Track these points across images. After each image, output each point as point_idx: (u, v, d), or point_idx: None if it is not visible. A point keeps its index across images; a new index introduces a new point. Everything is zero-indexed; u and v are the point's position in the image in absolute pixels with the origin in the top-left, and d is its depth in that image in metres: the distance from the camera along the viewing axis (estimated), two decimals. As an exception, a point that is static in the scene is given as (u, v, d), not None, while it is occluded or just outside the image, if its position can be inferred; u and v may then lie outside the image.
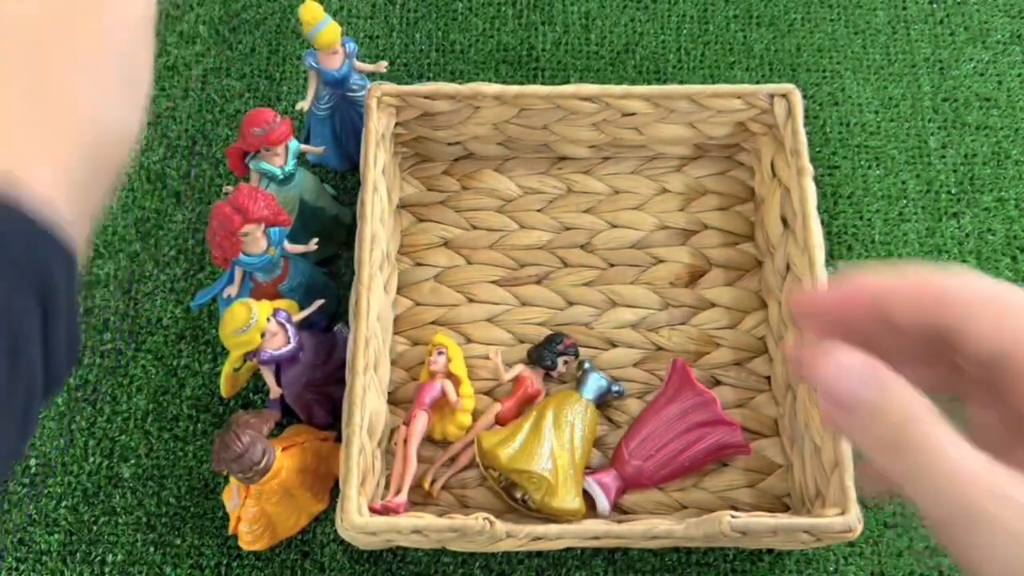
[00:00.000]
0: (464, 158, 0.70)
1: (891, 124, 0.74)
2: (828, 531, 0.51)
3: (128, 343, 0.66)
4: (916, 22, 0.78)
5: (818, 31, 0.78)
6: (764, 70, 0.76)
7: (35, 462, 0.63)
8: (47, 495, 0.62)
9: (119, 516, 0.61)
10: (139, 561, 0.60)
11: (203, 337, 0.66)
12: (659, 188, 0.70)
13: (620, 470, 0.59)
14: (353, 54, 0.64)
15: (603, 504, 0.58)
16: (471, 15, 0.78)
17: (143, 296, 0.67)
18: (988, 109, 0.74)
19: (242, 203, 0.55)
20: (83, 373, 0.65)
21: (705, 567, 0.60)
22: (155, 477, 0.62)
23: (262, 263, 0.58)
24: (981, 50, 0.77)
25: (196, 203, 0.70)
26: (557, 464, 0.58)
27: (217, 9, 0.78)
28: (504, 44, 0.77)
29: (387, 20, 0.78)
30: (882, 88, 0.75)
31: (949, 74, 0.76)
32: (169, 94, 0.75)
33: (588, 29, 0.78)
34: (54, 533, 0.61)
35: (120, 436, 0.63)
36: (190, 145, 0.73)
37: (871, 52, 0.77)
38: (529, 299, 0.67)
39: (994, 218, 0.70)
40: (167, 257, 0.69)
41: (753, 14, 0.78)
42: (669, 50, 0.77)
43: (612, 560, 0.60)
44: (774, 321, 0.64)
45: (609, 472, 0.59)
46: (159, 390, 0.64)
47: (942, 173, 0.72)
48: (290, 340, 0.56)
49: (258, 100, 0.74)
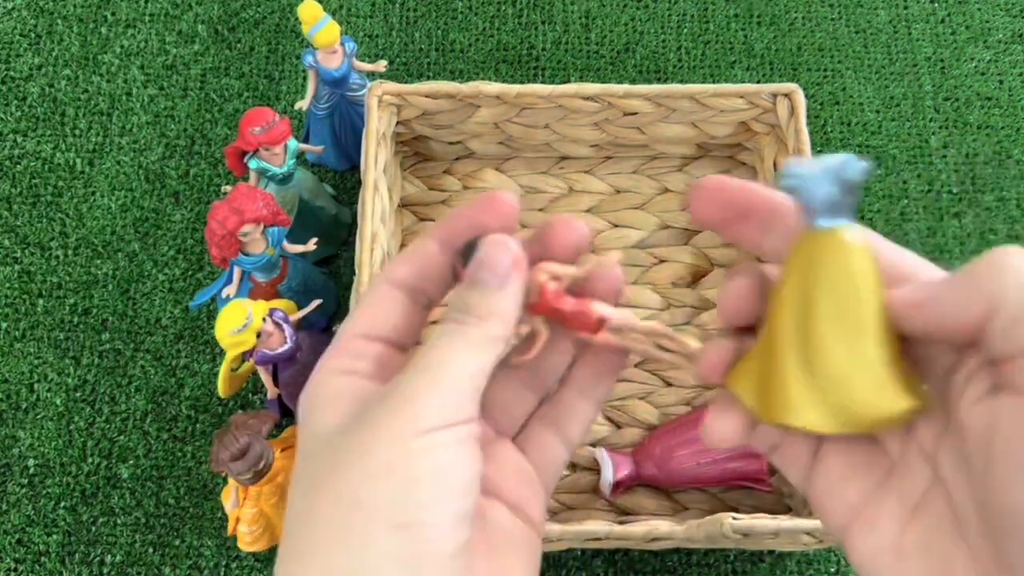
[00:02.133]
0: (465, 157, 0.70)
1: (892, 123, 0.74)
2: (830, 533, 0.51)
3: (127, 343, 0.66)
4: (917, 21, 0.78)
5: (819, 30, 0.77)
6: (765, 69, 0.76)
7: (34, 462, 0.62)
8: (45, 496, 0.61)
9: (118, 517, 0.61)
10: (138, 562, 0.60)
11: (202, 337, 0.66)
12: (661, 188, 0.70)
13: (639, 466, 0.59)
14: (352, 53, 0.64)
15: (607, 478, 0.58)
16: (471, 14, 0.78)
17: (142, 296, 0.67)
18: (989, 108, 0.74)
19: (241, 203, 0.54)
20: (82, 373, 0.65)
21: (706, 568, 0.59)
22: (154, 478, 0.62)
23: (261, 263, 0.58)
24: (982, 49, 0.77)
25: (195, 203, 0.70)
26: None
27: (216, 8, 0.78)
28: (504, 43, 0.77)
29: (387, 19, 0.78)
30: (883, 87, 0.75)
31: (950, 73, 0.76)
32: (168, 93, 0.74)
33: (588, 28, 0.78)
34: (52, 534, 0.60)
35: (119, 437, 0.63)
36: (189, 144, 0.72)
37: (872, 51, 0.77)
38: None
39: (995, 218, 0.70)
40: (166, 257, 0.68)
41: (754, 13, 0.78)
42: (669, 49, 0.77)
43: (612, 561, 0.60)
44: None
45: (627, 459, 0.59)
46: (158, 390, 0.64)
47: (943, 173, 0.72)
48: (287, 340, 0.56)
49: (257, 99, 0.74)
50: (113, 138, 0.73)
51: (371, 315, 0.26)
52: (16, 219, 0.70)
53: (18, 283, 0.68)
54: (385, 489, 0.22)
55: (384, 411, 0.23)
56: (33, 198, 0.71)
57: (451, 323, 0.25)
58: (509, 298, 0.25)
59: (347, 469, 0.22)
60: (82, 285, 0.68)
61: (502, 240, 0.25)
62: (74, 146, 0.72)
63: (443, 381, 0.23)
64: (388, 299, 0.26)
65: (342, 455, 0.23)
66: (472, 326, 0.24)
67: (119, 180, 0.71)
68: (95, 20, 0.78)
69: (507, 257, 0.25)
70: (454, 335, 0.24)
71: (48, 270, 0.68)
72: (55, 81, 0.75)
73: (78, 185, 0.71)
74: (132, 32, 0.77)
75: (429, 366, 0.23)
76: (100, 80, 0.75)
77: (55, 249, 0.69)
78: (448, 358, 0.24)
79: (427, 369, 0.23)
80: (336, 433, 0.23)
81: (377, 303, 0.26)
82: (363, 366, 0.25)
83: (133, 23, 0.77)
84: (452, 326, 0.24)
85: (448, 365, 0.24)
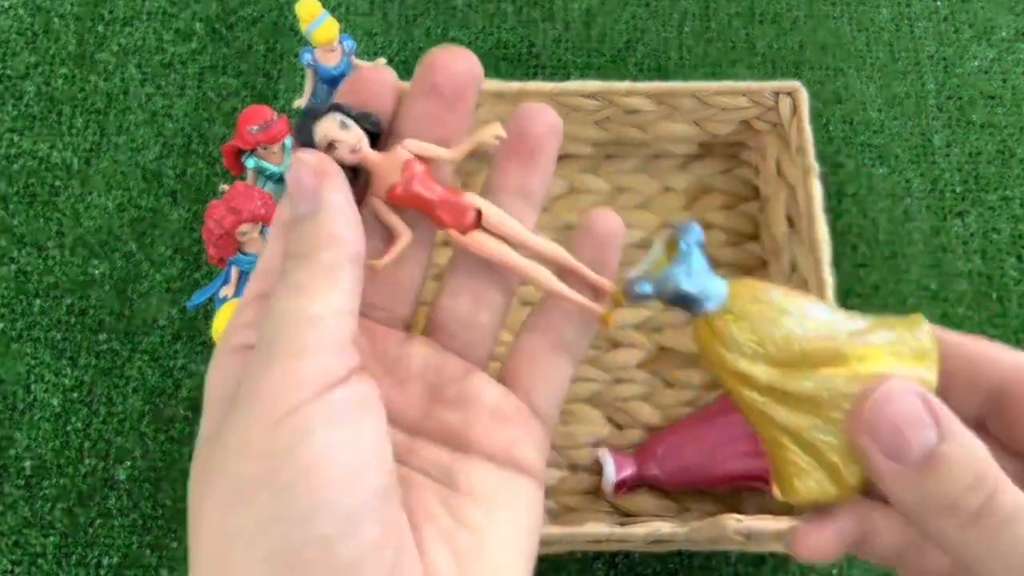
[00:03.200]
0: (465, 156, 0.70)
1: (895, 122, 0.73)
2: None
3: (124, 344, 0.65)
4: (920, 19, 0.77)
5: (821, 28, 0.77)
6: (767, 68, 0.75)
7: (30, 464, 0.62)
8: (42, 497, 0.61)
9: (115, 519, 0.60)
10: (135, 564, 0.59)
11: (199, 338, 0.65)
12: (662, 186, 0.69)
13: (641, 467, 0.58)
14: (351, 51, 0.64)
15: (610, 479, 0.57)
16: (470, 12, 0.78)
17: (139, 296, 0.67)
18: (993, 107, 0.74)
19: (238, 202, 0.54)
20: (78, 374, 0.64)
21: (708, 571, 0.59)
22: (151, 479, 0.61)
23: (259, 263, 0.58)
24: (986, 47, 0.76)
25: (192, 202, 0.70)
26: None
27: (214, 6, 0.77)
28: (504, 41, 0.77)
29: (386, 17, 0.77)
30: (886, 86, 0.74)
31: (954, 72, 0.75)
32: (165, 92, 0.74)
33: (589, 26, 0.77)
34: (49, 536, 0.60)
35: (116, 438, 0.63)
36: (186, 143, 0.72)
37: (875, 49, 0.76)
38: (530, 299, 0.66)
39: (999, 217, 0.70)
40: (163, 257, 0.68)
41: (756, 11, 0.78)
42: (671, 47, 0.76)
43: (613, 564, 0.59)
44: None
45: (629, 459, 0.58)
46: (155, 391, 0.64)
47: (947, 171, 0.71)
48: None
49: (255, 98, 0.73)
50: (110, 137, 0.72)
51: (264, 269, 0.22)
52: (12, 218, 0.69)
53: (14, 283, 0.67)
54: (257, 510, 0.18)
55: (241, 402, 0.19)
56: (29, 197, 0.70)
57: (280, 278, 0.21)
58: (332, 216, 0.21)
59: (214, 490, 0.19)
60: (79, 285, 0.67)
61: (299, 158, 0.21)
62: (71, 145, 0.72)
63: (281, 348, 0.19)
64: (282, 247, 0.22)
65: (211, 471, 0.20)
66: (299, 269, 0.20)
67: (116, 179, 0.71)
68: (92, 18, 0.77)
69: (307, 173, 0.21)
70: (288, 278, 0.20)
71: (45, 270, 0.68)
72: (51, 79, 0.75)
73: (74, 184, 0.70)
74: (129, 30, 0.77)
75: (272, 327, 0.19)
76: (97, 79, 0.75)
77: (51, 249, 0.68)
78: (289, 309, 0.19)
79: (271, 331, 0.19)
80: (209, 439, 0.20)
81: (271, 254, 0.22)
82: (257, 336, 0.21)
83: (130, 21, 0.77)
84: (280, 281, 0.20)
85: (291, 319, 0.19)
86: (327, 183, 0.21)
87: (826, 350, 0.21)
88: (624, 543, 0.54)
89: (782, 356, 0.21)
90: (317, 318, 0.19)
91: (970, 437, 0.19)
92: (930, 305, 0.67)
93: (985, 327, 0.66)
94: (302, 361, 0.19)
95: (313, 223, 0.20)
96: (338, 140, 0.22)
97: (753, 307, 0.21)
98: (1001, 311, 0.66)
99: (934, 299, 0.67)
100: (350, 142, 0.22)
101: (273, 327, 0.20)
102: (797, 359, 0.21)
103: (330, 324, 0.20)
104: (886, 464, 0.19)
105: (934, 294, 0.67)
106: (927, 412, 0.19)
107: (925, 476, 0.19)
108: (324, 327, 0.19)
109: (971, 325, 0.66)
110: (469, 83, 0.24)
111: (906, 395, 0.20)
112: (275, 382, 0.19)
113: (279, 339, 0.19)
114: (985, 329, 0.66)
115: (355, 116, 0.23)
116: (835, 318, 0.22)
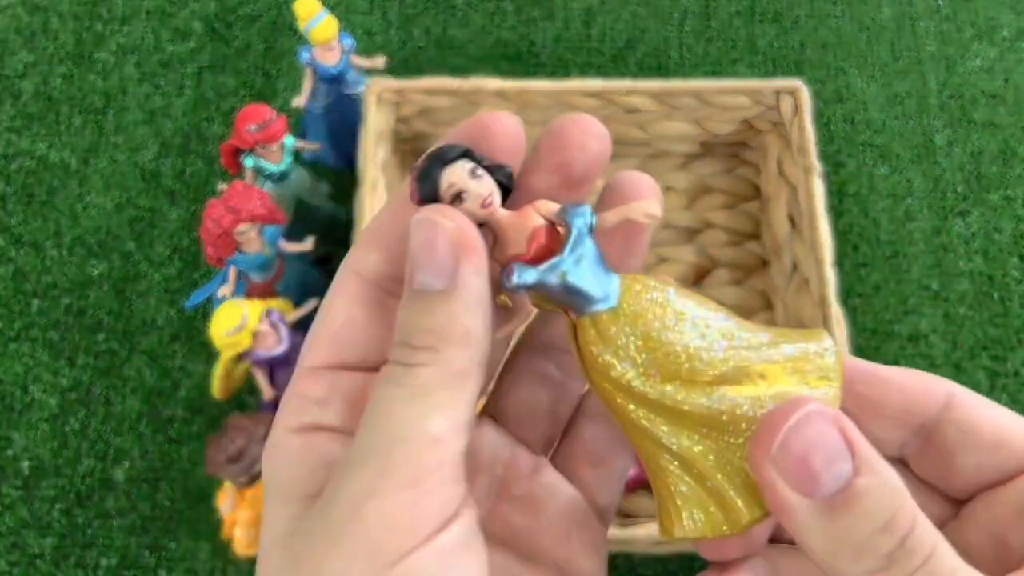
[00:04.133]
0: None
1: (897, 121, 0.73)
2: None
3: (122, 344, 0.65)
4: (922, 18, 0.77)
5: (823, 27, 0.77)
6: (768, 67, 0.75)
7: (28, 464, 0.62)
8: (40, 498, 0.61)
9: (113, 520, 0.60)
10: (133, 565, 0.59)
11: (198, 338, 0.65)
12: (663, 186, 0.69)
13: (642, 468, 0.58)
14: (350, 50, 0.63)
15: None
16: (470, 10, 0.77)
17: (137, 296, 0.66)
18: (995, 106, 0.73)
19: (236, 201, 0.54)
20: (76, 375, 0.64)
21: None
22: (149, 480, 0.61)
23: (257, 262, 0.57)
24: (988, 46, 0.76)
25: (191, 201, 0.69)
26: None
27: (212, 5, 0.77)
28: (504, 40, 0.76)
29: (385, 15, 0.77)
30: (888, 85, 0.74)
31: (955, 71, 0.75)
32: (163, 91, 0.74)
33: (589, 25, 0.77)
34: (47, 536, 0.60)
35: (114, 438, 0.62)
36: (184, 143, 0.72)
37: (876, 48, 0.76)
38: (530, 299, 0.66)
39: (1001, 216, 0.69)
40: (161, 257, 0.68)
41: (757, 10, 0.77)
42: (671, 46, 0.76)
43: (614, 565, 0.59)
44: (780, 322, 0.63)
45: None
46: (153, 392, 0.63)
47: (948, 171, 0.71)
48: (282, 341, 0.55)
49: (253, 96, 0.73)
50: (108, 136, 0.72)
51: (335, 332, 0.19)
52: (10, 218, 0.69)
53: (12, 283, 0.67)
54: None
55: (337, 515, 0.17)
56: (27, 197, 0.70)
57: (394, 366, 0.17)
58: (470, 306, 0.17)
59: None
60: (77, 285, 0.67)
61: (434, 220, 0.17)
62: (69, 144, 0.72)
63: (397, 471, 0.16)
64: (357, 303, 0.19)
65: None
66: (423, 366, 0.17)
67: (114, 179, 0.70)
68: (90, 17, 0.77)
69: (444, 241, 0.17)
70: (399, 387, 0.17)
71: (43, 270, 0.67)
72: (49, 79, 0.74)
73: (72, 184, 0.70)
74: (127, 29, 0.76)
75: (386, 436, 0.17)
76: (95, 78, 0.74)
77: (49, 249, 0.68)
78: (409, 418, 0.17)
79: (385, 442, 0.16)
80: (290, 535, 0.17)
81: (342, 312, 0.19)
82: (329, 415, 0.18)
83: (128, 20, 0.77)
84: (396, 371, 0.17)
85: (410, 434, 0.16)
86: (469, 260, 0.17)
87: (725, 364, 0.18)
88: (625, 544, 0.54)
89: (675, 368, 0.18)
90: (440, 438, 0.17)
91: (888, 470, 0.17)
92: (931, 305, 0.66)
93: (987, 327, 0.66)
94: (419, 492, 0.16)
95: (445, 309, 0.17)
96: (468, 191, 0.18)
97: (647, 308, 0.18)
98: (1003, 311, 0.66)
99: (935, 299, 0.67)
100: (482, 194, 0.18)
101: (387, 436, 0.17)
102: (692, 372, 0.18)
103: (452, 447, 0.17)
104: (792, 499, 0.17)
105: (935, 294, 0.67)
106: (843, 441, 0.17)
107: (837, 513, 0.17)
108: (446, 450, 0.17)
109: (972, 325, 0.66)
110: (598, 165, 0.20)
111: (820, 420, 0.17)
112: (387, 513, 0.16)
113: (394, 457, 0.16)
114: (987, 329, 0.66)
115: (488, 166, 0.19)
116: (735, 328, 0.19)
